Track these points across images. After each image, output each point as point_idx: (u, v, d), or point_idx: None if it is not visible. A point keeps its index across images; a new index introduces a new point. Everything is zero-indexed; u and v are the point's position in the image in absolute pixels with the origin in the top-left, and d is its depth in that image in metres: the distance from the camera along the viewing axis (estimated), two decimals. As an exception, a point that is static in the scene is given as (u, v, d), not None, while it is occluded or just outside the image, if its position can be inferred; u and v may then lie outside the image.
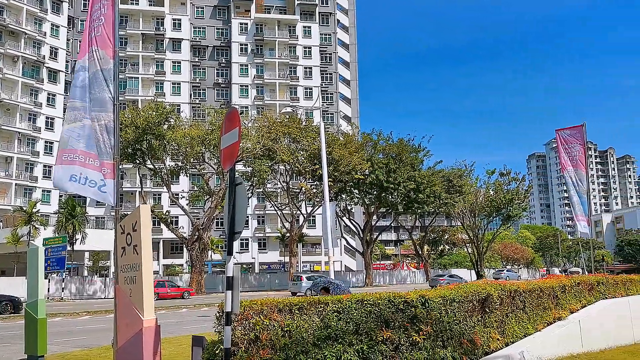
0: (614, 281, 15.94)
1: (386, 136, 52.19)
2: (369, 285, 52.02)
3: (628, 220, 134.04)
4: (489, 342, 9.91)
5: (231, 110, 7.54)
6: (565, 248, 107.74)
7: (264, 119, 48.26)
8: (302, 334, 7.56)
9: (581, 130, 27.31)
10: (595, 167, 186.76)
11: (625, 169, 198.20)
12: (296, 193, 52.03)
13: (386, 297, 8.62)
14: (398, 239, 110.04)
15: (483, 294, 10.24)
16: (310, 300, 7.99)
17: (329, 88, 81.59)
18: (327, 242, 24.00)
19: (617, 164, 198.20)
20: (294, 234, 49.57)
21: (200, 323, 20.23)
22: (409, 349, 8.36)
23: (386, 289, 44.36)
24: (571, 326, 12.19)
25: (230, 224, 7.01)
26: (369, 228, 56.64)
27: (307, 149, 45.21)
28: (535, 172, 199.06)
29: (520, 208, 61.74)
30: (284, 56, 79.74)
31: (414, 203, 50.79)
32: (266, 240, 74.21)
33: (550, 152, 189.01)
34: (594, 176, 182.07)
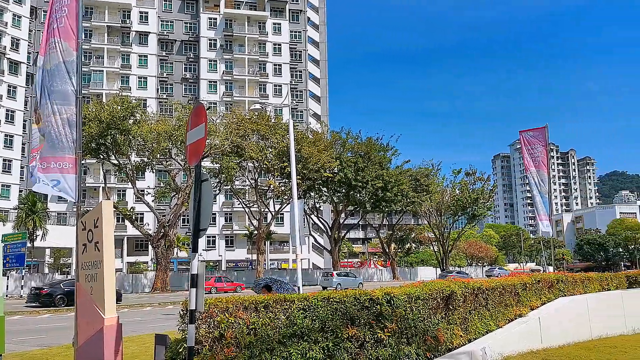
0: (572, 279, 16.38)
1: (355, 135, 52.53)
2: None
3: (587, 220, 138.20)
4: (452, 339, 10.07)
5: (198, 106, 7.44)
6: (527, 247, 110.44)
7: (232, 115, 47.82)
8: (267, 331, 7.53)
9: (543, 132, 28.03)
10: (556, 168, 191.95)
11: (585, 170, 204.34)
12: (264, 190, 51.79)
13: (352, 294, 8.66)
14: (366, 237, 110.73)
15: (447, 292, 10.39)
16: (276, 298, 7.96)
17: (298, 86, 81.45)
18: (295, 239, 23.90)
19: (577, 165, 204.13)
20: (262, 231, 49.34)
21: (165, 321, 19.95)
22: (374, 346, 8.43)
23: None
24: (531, 323, 12.50)
25: (196, 221, 6.92)
26: (337, 226, 56.84)
27: (276, 147, 45.03)
28: (500, 172, 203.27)
29: (485, 207, 63.02)
30: (254, 52, 79.20)
31: (382, 201, 51.20)
32: (233, 237, 73.66)
33: (514, 153, 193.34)
34: (555, 177, 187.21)
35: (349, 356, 8.07)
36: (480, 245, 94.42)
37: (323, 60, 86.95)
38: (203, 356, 7.05)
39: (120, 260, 66.56)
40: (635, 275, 20.09)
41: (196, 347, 6.95)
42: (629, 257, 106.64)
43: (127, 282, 49.41)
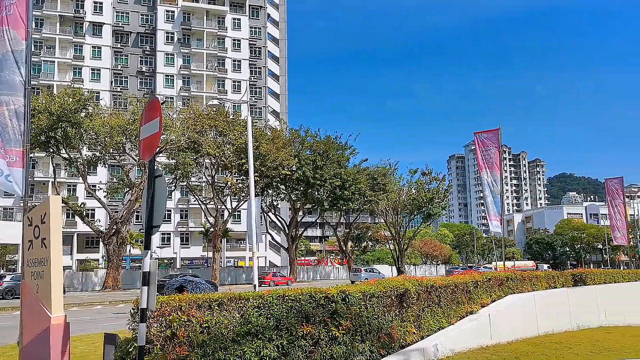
0: (521, 277, 16.92)
1: (314, 133, 52.58)
2: (293, 281, 52.23)
3: (537, 220, 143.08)
4: (405, 336, 10.23)
5: (152, 100, 7.27)
6: (480, 246, 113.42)
7: (189, 110, 47.05)
8: (221, 330, 7.45)
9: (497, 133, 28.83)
10: (509, 169, 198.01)
11: (535, 172, 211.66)
12: (221, 187, 51.23)
13: (307, 292, 8.67)
14: (323, 235, 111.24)
15: (401, 289, 10.55)
16: (231, 296, 7.88)
17: (257, 82, 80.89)
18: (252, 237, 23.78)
19: (528, 167, 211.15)
20: (218, 229, 48.79)
21: (116, 320, 19.46)
22: (329, 344, 8.46)
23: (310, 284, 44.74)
24: (482, 320, 12.83)
25: (149, 217, 6.78)
26: (294, 224, 56.82)
27: (234, 143, 44.58)
28: (455, 172, 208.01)
29: (440, 207, 64.26)
30: (212, 47, 78.12)
31: (340, 200, 51.49)
32: (189, 235, 72.54)
33: (469, 154, 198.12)
34: (507, 178, 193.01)
35: (303, 354, 8.08)
36: (434, 244, 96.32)
37: (283, 57, 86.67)
38: (154, 355, 6.92)
39: (70, 257, 64.52)
40: (581, 274, 20.93)
41: (147, 346, 6.82)
42: (575, 256, 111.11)
43: (77, 280, 47.96)
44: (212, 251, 50.73)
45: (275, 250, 76.25)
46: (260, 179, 45.17)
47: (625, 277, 25.01)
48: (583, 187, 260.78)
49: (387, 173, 59.42)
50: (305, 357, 8.12)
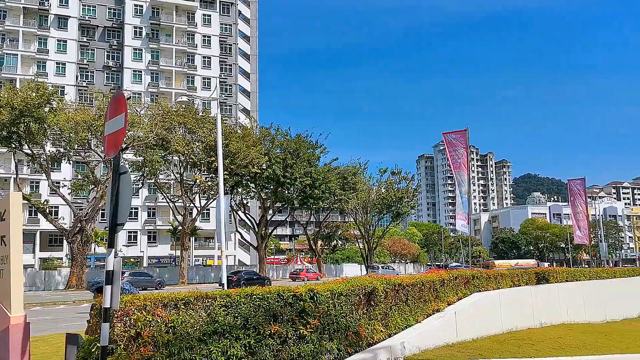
0: (487, 275, 17.22)
1: (284, 131, 52.40)
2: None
3: (502, 219, 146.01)
4: (373, 334, 10.29)
5: (117, 95, 7.12)
6: (447, 244, 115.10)
7: (158, 107, 46.29)
8: (187, 329, 7.35)
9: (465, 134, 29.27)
10: (476, 169, 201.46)
11: (502, 172, 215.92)
12: (190, 185, 50.60)
13: (275, 291, 8.63)
14: (293, 233, 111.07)
15: (369, 288, 10.60)
16: (198, 295, 7.79)
17: (228, 79, 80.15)
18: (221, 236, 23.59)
19: (495, 167, 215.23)
20: (187, 227, 48.18)
21: (79, 320, 19.00)
22: (296, 343, 8.45)
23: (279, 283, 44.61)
24: (448, 317, 13.01)
25: (113, 215, 6.64)
26: (264, 222, 56.54)
27: (203, 141, 44.08)
28: (424, 172, 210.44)
29: (409, 206, 64.97)
30: (182, 43, 77.05)
31: (310, 198, 51.47)
32: (156, 233, 71.43)
33: (437, 154, 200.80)
34: (475, 178, 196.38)
35: (270, 353, 8.04)
36: (403, 243, 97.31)
37: (254, 54, 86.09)
38: (118, 356, 6.79)
39: (32, 255, 62.80)
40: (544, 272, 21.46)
41: (110, 346, 6.69)
42: (539, 255, 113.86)
43: (40, 279, 46.72)
44: (180, 250, 50.06)
45: (244, 249, 75.78)
46: (229, 177, 44.79)
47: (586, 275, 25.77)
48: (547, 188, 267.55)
49: (357, 172, 59.70)
50: (272, 356, 8.09)
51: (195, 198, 51.61)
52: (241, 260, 74.67)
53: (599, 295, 25.50)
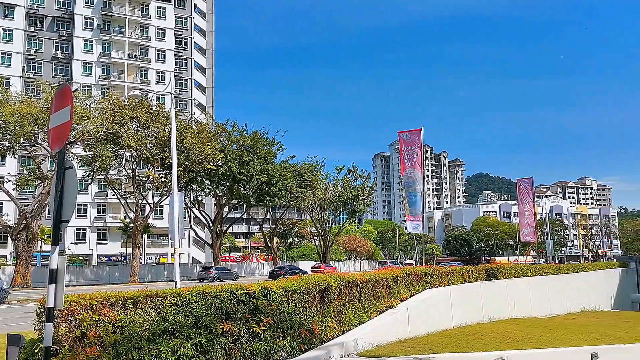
0: (439, 272, 17.59)
1: (241, 128, 51.88)
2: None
3: (455, 217, 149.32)
4: (326, 331, 10.32)
5: (63, 87, 6.86)
6: (402, 242, 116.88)
7: (109, 100, 44.93)
8: (135, 329, 7.18)
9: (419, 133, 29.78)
10: (430, 168, 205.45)
11: (455, 171, 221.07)
12: (143, 181, 49.42)
13: (228, 289, 8.54)
14: (249, 231, 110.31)
15: (323, 285, 10.63)
16: (147, 294, 7.61)
17: (183, 74, 78.62)
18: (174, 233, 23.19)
19: (448, 166, 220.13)
20: (139, 224, 47.03)
21: (24, 320, 18.25)
22: (249, 341, 8.38)
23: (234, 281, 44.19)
24: (400, 313, 13.20)
25: (57, 211, 6.40)
26: (219, 220, 55.86)
27: (157, 136, 43.09)
28: (380, 170, 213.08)
29: (365, 204, 65.56)
30: (135, 36, 75.01)
31: (266, 196, 51.18)
32: (107, 230, 69.42)
33: (393, 153, 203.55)
34: (429, 176, 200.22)
35: (222, 352, 7.95)
36: (359, 240, 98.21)
37: (210, 49, 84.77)
38: (62, 357, 6.57)
39: (-26, 254, 59.91)
40: (493, 269, 22.10)
41: (54, 347, 6.48)
42: (489, 252, 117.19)
43: (-19, 278, 44.60)
44: (131, 247, 48.83)
45: (199, 247, 74.69)
46: (184, 174, 44.00)
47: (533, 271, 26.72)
48: (498, 187, 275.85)
49: (314, 170, 59.77)
50: (224, 354, 7.99)
51: (148, 194, 50.44)
52: (195, 258, 73.57)
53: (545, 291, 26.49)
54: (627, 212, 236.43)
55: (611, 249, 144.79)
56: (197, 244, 73.84)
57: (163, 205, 56.56)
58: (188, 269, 57.52)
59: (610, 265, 47.51)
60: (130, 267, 47.30)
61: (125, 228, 55.55)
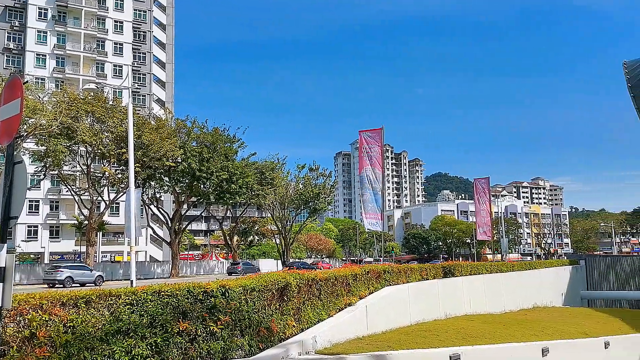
0: (397, 270, 17.83)
1: (201, 124, 51.08)
2: (175, 276, 50.45)
3: (414, 216, 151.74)
4: (285, 329, 10.31)
5: (13, 79, 6.62)
6: (362, 240, 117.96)
7: (63, 93, 43.51)
8: (88, 329, 7.00)
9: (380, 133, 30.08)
10: (390, 167, 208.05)
11: (415, 171, 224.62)
12: (98, 177, 48.13)
13: (185, 287, 8.42)
14: (208, 229, 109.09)
15: (282, 283, 10.61)
16: (100, 293, 7.42)
17: (141, 68, 76.91)
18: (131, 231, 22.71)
19: (408, 165, 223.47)
20: (94, 221, 45.78)
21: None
22: (206, 340, 8.28)
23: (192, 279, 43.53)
24: (359, 311, 13.32)
25: (6, 207, 6.17)
26: (178, 217, 54.95)
27: (114, 131, 42.01)
28: (341, 169, 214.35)
29: (326, 202, 65.78)
30: (91, 28, 72.88)
31: (226, 193, 50.64)
32: (60, 227, 67.30)
33: (354, 152, 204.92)
34: (389, 175, 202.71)
35: (178, 351, 7.83)
36: (320, 238, 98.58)
37: (169, 44, 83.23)
38: (10, 358, 6.35)
39: None
40: (450, 266, 22.55)
41: (2, 348, 6.29)
42: (447, 250, 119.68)
43: None
44: (86, 245, 47.48)
45: (156, 245, 73.32)
46: (141, 170, 43.08)
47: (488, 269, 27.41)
48: (456, 186, 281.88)
49: (275, 167, 59.57)
50: (180, 354, 7.87)
51: (103, 191, 49.15)
52: (152, 256, 72.21)
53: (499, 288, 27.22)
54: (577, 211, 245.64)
55: (562, 247, 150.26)
56: (155, 242, 72.48)
57: (119, 202, 55.19)
58: (145, 267, 56.39)
59: (561, 263, 49.24)
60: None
61: (80, 225, 53.93)
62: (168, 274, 53.48)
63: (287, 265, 53.31)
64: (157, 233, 61.61)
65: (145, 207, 54.30)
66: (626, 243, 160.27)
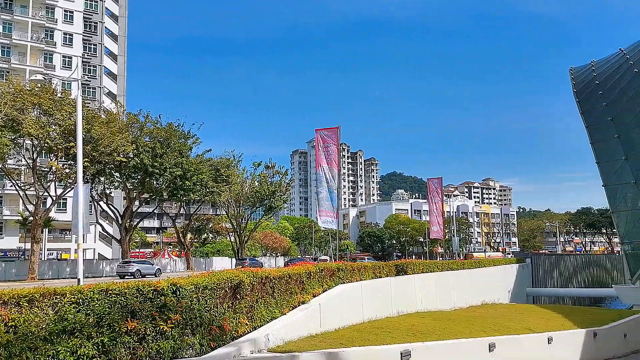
0: (351, 267, 17.96)
1: (154, 119, 49.90)
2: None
3: (369, 214, 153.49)
4: (237, 328, 10.22)
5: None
6: (318, 238, 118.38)
7: (9, 84, 41.61)
8: (31, 328, 6.74)
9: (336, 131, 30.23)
10: (347, 166, 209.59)
11: (370, 170, 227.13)
12: (45, 172, 46.31)
13: (134, 286, 8.22)
14: (161, 226, 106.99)
15: (235, 281, 10.51)
16: (44, 291, 7.15)
17: (92, 60, 74.47)
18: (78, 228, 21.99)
19: (364, 164, 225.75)
20: (39, 218, 44.02)
21: None
22: (156, 339, 8.12)
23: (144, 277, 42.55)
24: (313, 309, 13.35)
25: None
26: (129, 214, 53.55)
27: (62, 124, 40.46)
28: (298, 167, 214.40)
29: (282, 200, 65.58)
30: (39, 17, 70.04)
31: (180, 190, 49.71)
32: (3, 224, 64.44)
33: (311, 150, 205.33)
34: (345, 174, 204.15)
35: (127, 351, 7.63)
36: (275, 236, 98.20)
37: (122, 35, 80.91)
38: (-57, 361, 6.02)
39: None
40: (402, 264, 22.91)
41: None
42: (400, 248, 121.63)
43: None
44: (30, 242, 45.62)
45: (106, 242, 71.27)
46: (91, 165, 41.71)
47: (439, 267, 28.02)
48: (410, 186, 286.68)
49: (231, 165, 58.88)
50: (129, 354, 7.69)
51: (50, 186, 47.34)
52: (101, 254, 70.16)
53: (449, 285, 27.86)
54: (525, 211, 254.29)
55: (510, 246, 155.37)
56: (104, 239, 70.44)
57: (67, 198, 53.40)
58: (94, 265, 54.69)
59: (508, 261, 50.88)
60: (29, 264, 44.22)
61: (24, 222, 51.74)
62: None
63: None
64: (106, 230, 59.79)
65: (94, 204, 52.62)
66: (570, 242, 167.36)
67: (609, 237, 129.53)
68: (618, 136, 41.18)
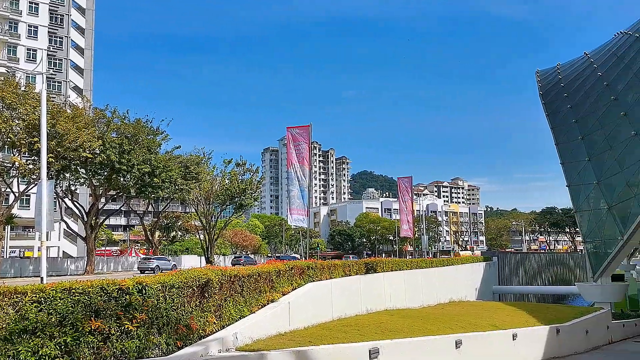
0: (321, 266, 17.98)
1: (122, 114, 48.96)
2: (90, 273, 48.08)
3: (340, 213, 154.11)
4: (205, 327, 10.11)
5: None
6: (288, 236, 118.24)
7: (-31, 76, 40.33)
8: (-11, 329, 6.51)
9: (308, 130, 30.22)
10: (318, 164, 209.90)
11: (342, 168, 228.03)
12: (7, 168, 44.97)
13: (99, 284, 8.05)
14: (128, 223, 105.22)
15: (203, 279, 10.39)
16: (4, 290, 6.94)
17: (58, 53, 72.64)
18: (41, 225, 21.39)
19: (335, 163, 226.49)
20: (1, 214, 42.75)
21: None
22: (120, 339, 7.96)
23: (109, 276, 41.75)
24: (282, 307, 13.31)
25: None
26: (94, 211, 52.44)
27: (25, 119, 39.35)
28: (269, 165, 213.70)
29: (252, 198, 65.14)
30: (3, 8, 67.94)
31: (148, 187, 48.91)
32: (-37, 221, 62.36)
33: (282, 148, 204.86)
34: (316, 173, 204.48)
35: (90, 351, 7.47)
36: (245, 234, 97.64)
37: (89, 29, 79.13)
38: None
39: None
40: (372, 262, 23.07)
41: None
42: (371, 247, 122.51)
43: None
44: (-8, 240, 44.24)
45: (70, 240, 69.67)
46: (55, 161, 40.67)
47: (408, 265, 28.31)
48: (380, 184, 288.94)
49: (201, 162, 58.21)
50: (92, 354, 7.52)
51: (12, 182, 46.00)
52: (66, 252, 68.59)
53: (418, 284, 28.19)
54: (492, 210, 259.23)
55: (478, 245, 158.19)
56: (69, 237, 68.86)
57: (30, 195, 51.94)
58: (58, 263, 53.43)
59: (475, 259, 51.77)
60: (-10, 262, 42.93)
61: (-15, 219, 50.19)
62: (82, 270, 51.00)
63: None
64: (71, 228, 58.43)
65: (59, 200, 51.39)
66: (535, 241, 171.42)
67: (572, 236, 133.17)
68: (582, 138, 42.27)
